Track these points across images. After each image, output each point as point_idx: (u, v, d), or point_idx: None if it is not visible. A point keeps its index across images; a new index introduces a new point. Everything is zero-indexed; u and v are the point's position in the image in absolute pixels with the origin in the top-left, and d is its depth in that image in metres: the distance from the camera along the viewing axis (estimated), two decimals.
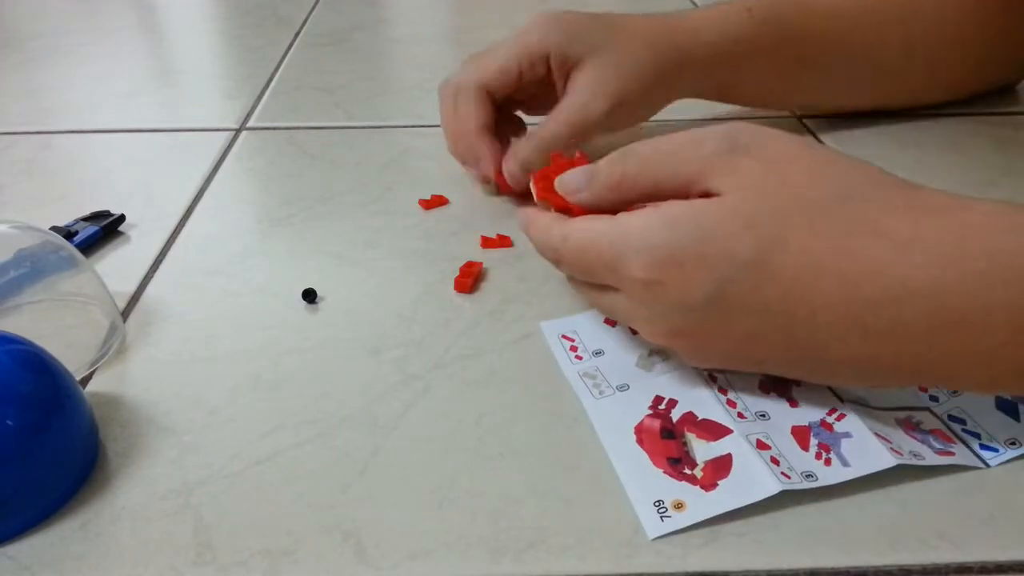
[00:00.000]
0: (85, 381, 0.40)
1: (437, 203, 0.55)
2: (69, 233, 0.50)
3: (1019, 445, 0.34)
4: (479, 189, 0.56)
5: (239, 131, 0.67)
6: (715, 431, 0.35)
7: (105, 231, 0.52)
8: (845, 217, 0.31)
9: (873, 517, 0.32)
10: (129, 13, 1.03)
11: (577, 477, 0.34)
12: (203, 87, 0.78)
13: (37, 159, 0.63)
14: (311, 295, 0.45)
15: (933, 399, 0.37)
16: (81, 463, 0.35)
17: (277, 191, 0.58)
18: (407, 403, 0.38)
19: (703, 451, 0.34)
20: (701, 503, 0.32)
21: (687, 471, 0.34)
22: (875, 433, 0.34)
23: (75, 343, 0.42)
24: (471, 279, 0.46)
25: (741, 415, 0.36)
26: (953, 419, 0.36)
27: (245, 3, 1.03)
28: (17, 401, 0.33)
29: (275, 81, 0.78)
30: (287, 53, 0.85)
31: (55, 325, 0.43)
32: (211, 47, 0.92)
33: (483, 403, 0.38)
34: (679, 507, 0.32)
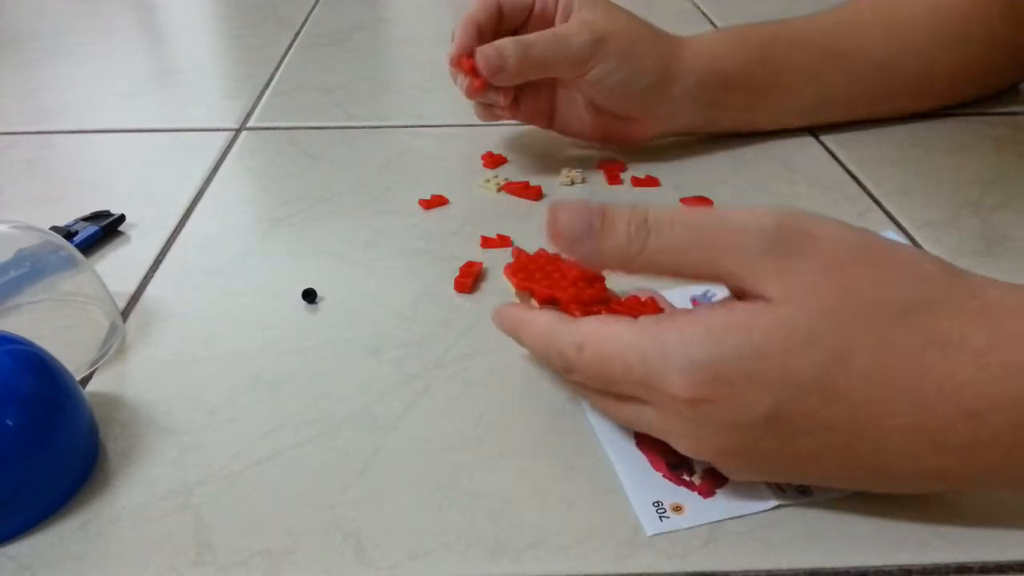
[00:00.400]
0: (85, 381, 0.40)
1: (437, 203, 0.55)
2: (69, 233, 0.50)
3: None
4: (479, 189, 0.56)
5: (239, 131, 0.67)
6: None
7: (105, 231, 0.52)
8: (915, 328, 0.29)
9: (873, 517, 0.32)
10: (129, 13, 1.03)
11: (577, 477, 0.34)
12: (203, 87, 0.78)
13: (37, 159, 0.63)
14: (311, 295, 0.45)
15: None
16: (81, 463, 0.35)
17: (277, 191, 0.58)
18: (407, 403, 0.38)
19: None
20: (700, 508, 0.33)
21: (686, 477, 0.34)
22: None
23: (75, 343, 0.42)
24: (471, 279, 0.46)
25: None
26: None
27: (245, 3, 1.03)
28: (17, 401, 0.33)
29: (275, 81, 0.78)
30: (287, 53, 0.85)
31: (55, 325, 0.43)
32: (211, 47, 0.92)
33: (483, 403, 0.38)
34: (678, 510, 0.33)
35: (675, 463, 0.34)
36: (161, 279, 0.48)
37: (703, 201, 0.54)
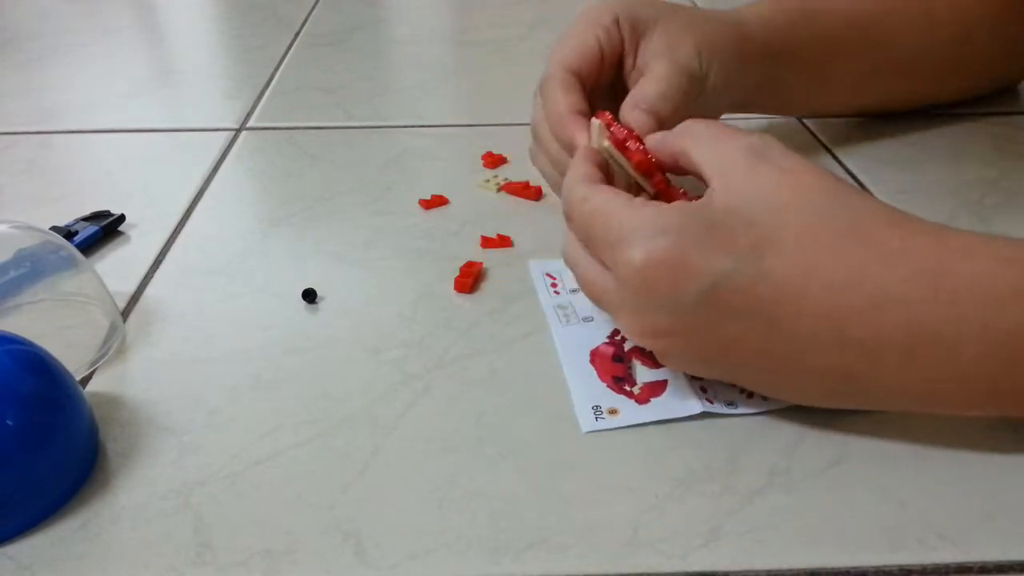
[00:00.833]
0: (85, 381, 0.40)
1: (437, 203, 0.55)
2: (69, 233, 0.50)
3: None
4: (479, 189, 0.56)
5: (239, 131, 0.67)
6: (658, 361, 0.38)
7: (105, 231, 0.52)
8: (838, 223, 0.33)
9: (873, 517, 0.32)
10: (129, 13, 1.03)
11: (577, 477, 0.34)
12: (203, 87, 0.78)
13: (37, 159, 0.63)
14: (311, 295, 0.45)
15: None
16: (81, 463, 0.35)
17: (277, 191, 0.58)
18: (407, 403, 0.38)
19: (644, 375, 0.39)
20: (632, 412, 0.37)
21: (627, 388, 0.38)
22: None
23: (75, 343, 0.42)
24: (471, 279, 0.46)
25: None
26: None
27: (245, 3, 1.03)
28: (17, 401, 0.33)
29: (275, 81, 0.78)
30: (287, 53, 0.85)
31: (55, 325, 0.43)
32: (211, 47, 0.92)
33: (483, 403, 0.38)
34: (613, 413, 0.37)
35: (619, 376, 0.39)
36: (161, 279, 0.48)
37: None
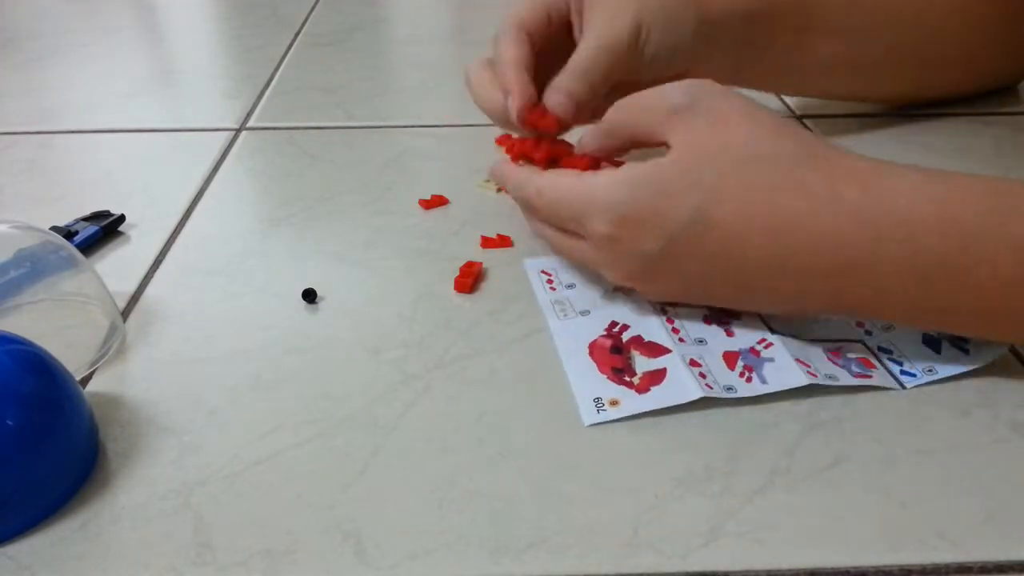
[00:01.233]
0: (85, 381, 0.40)
1: (437, 203, 0.55)
2: (69, 233, 0.50)
3: (934, 372, 0.39)
4: (479, 189, 0.56)
5: (239, 131, 0.67)
6: (656, 351, 0.40)
7: (105, 231, 0.52)
8: (774, 176, 0.37)
9: (873, 517, 0.32)
10: (129, 13, 1.03)
11: (577, 477, 0.34)
12: (203, 87, 0.78)
13: (37, 159, 0.63)
14: (311, 295, 0.45)
15: (867, 333, 0.41)
16: (81, 463, 0.35)
17: (277, 191, 0.58)
18: (407, 403, 0.38)
19: (643, 365, 0.39)
20: (633, 402, 0.37)
21: (627, 378, 0.39)
22: (796, 358, 0.38)
23: (75, 343, 0.42)
24: (471, 279, 0.46)
25: (682, 340, 0.41)
26: (882, 350, 0.40)
27: (245, 3, 1.03)
28: (17, 401, 0.33)
29: (275, 81, 0.78)
30: (287, 53, 0.85)
31: (55, 325, 0.43)
32: (211, 47, 0.92)
33: (483, 403, 0.38)
34: (615, 404, 0.37)
35: (618, 367, 0.39)
36: (161, 279, 0.48)
37: None
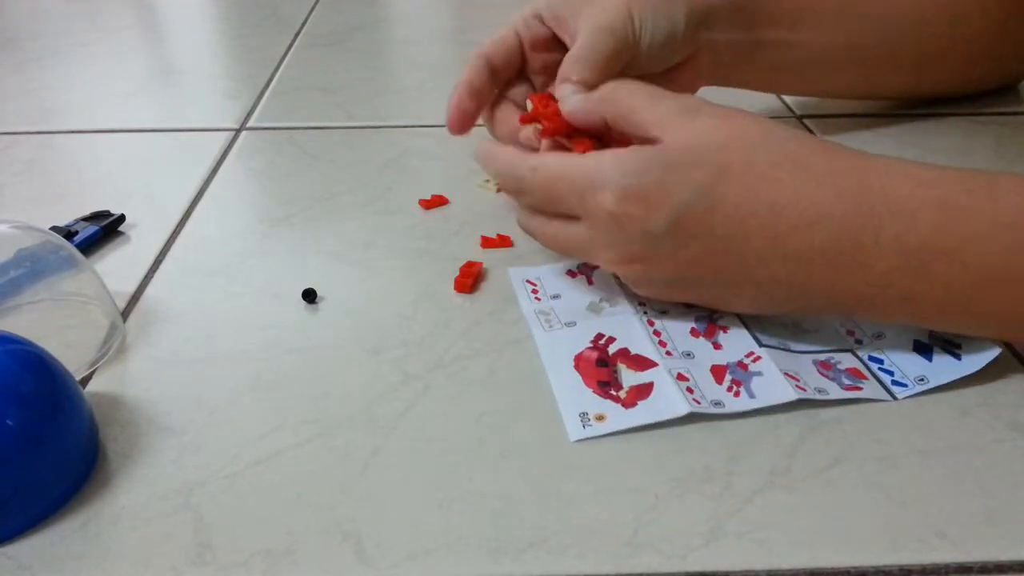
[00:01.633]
0: (85, 381, 0.40)
1: (437, 203, 0.55)
2: (69, 233, 0.50)
3: (926, 381, 0.38)
4: (479, 189, 0.56)
5: (239, 131, 0.67)
6: (643, 364, 0.40)
7: (105, 231, 0.52)
8: (774, 154, 0.37)
9: (873, 517, 0.32)
10: (129, 13, 1.03)
11: (577, 477, 0.34)
12: (203, 87, 0.78)
13: (37, 159, 0.63)
14: (311, 295, 0.45)
15: (858, 342, 0.41)
16: (81, 463, 0.35)
17: (277, 191, 0.58)
18: (407, 403, 0.38)
19: (630, 378, 0.39)
20: (620, 417, 0.37)
21: (613, 392, 0.38)
22: (784, 372, 0.38)
23: (75, 343, 0.42)
24: (471, 279, 0.46)
25: (669, 353, 0.40)
26: (872, 359, 0.40)
27: (245, 3, 1.03)
28: (17, 401, 0.33)
29: (275, 81, 0.78)
30: (287, 53, 0.85)
31: (55, 325, 0.43)
32: (211, 47, 0.92)
33: (483, 403, 0.38)
34: (600, 419, 0.37)
35: (604, 380, 0.39)
36: (161, 279, 0.48)
37: None
